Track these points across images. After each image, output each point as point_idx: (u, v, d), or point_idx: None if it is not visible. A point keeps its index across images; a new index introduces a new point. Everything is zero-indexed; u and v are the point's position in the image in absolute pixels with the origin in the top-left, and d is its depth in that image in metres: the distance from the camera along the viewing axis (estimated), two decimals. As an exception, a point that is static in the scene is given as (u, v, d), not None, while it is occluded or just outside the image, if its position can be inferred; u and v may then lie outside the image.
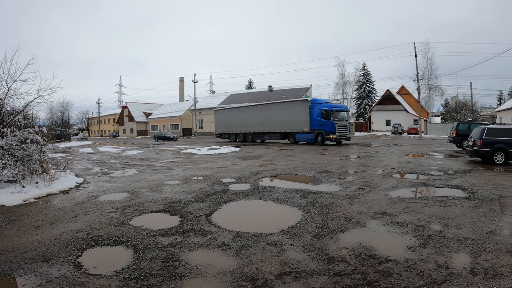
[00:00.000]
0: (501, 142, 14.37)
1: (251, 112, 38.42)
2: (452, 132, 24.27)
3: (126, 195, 9.23)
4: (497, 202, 7.72)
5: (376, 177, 11.36)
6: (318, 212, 7.14)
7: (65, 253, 5.08)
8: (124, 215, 7.12)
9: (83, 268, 4.54)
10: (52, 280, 4.18)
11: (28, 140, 10.15)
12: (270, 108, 36.15)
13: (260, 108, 37.79)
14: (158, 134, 60.33)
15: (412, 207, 7.35)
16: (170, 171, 14.30)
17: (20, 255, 5.03)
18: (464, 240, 5.33)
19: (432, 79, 62.72)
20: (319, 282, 4.05)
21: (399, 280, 4.03)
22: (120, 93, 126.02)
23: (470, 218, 6.53)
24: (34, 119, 15.05)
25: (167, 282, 4.10)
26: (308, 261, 4.66)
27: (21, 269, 4.51)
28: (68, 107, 74.82)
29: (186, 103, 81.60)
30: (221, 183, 10.85)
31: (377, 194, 8.76)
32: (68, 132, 60.71)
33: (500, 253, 4.79)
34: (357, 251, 4.98)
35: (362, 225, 6.28)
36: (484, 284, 3.91)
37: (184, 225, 6.40)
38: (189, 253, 5.03)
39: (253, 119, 37.37)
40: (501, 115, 50.94)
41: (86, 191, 10.06)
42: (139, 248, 5.21)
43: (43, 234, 5.99)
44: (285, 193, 9.06)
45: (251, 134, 38.11)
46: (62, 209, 7.81)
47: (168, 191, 9.62)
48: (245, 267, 4.48)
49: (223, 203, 8.11)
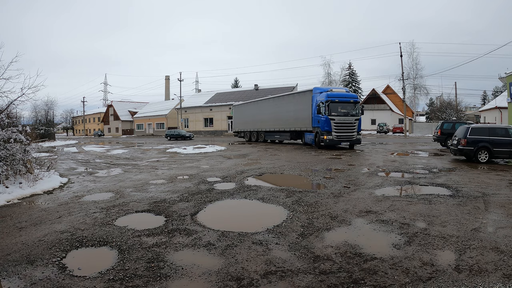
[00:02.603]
0: (485, 141, 14.64)
1: (262, 106, 33.37)
2: (436, 131, 24.62)
3: (110, 195, 9.12)
4: (481, 200, 7.83)
5: (361, 176, 11.43)
6: (303, 210, 7.14)
7: (49, 254, 4.98)
8: (109, 215, 7.02)
9: (68, 270, 4.46)
10: (36, 283, 4.10)
11: (11, 140, 9.96)
12: (279, 101, 30.53)
13: (271, 102, 32.00)
14: (171, 133, 52.61)
15: (397, 205, 7.41)
16: (155, 170, 14.18)
17: (3, 257, 4.91)
18: (449, 238, 5.38)
19: (417, 78, 63.44)
20: (305, 281, 4.05)
21: (385, 278, 4.05)
22: (105, 91, 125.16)
23: (455, 215, 6.60)
24: (18, 118, 14.82)
25: (152, 282, 4.05)
26: (294, 260, 4.65)
27: (4, 272, 4.40)
28: (52, 106, 73.40)
29: (171, 101, 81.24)
30: (206, 182, 10.79)
31: (362, 193, 8.81)
32: (53, 131, 59.53)
33: (485, 250, 4.85)
34: (343, 250, 4.99)
35: (347, 223, 6.31)
36: (469, 280, 3.96)
37: (169, 225, 6.34)
38: (174, 253, 4.98)
39: (263, 115, 32.66)
40: (485, 114, 51.78)
41: (71, 191, 9.91)
42: (124, 249, 5.14)
43: (27, 236, 5.87)
44: (270, 192, 9.05)
45: (263, 133, 33.28)
46: (46, 210, 7.68)
47: (153, 191, 9.53)
48: (230, 267, 4.45)
49: (208, 203, 8.07)
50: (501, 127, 15.46)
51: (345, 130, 22.73)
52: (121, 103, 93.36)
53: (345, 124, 22.68)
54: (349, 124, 22.81)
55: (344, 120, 22.58)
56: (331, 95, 22.86)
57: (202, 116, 66.79)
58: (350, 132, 22.87)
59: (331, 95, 22.86)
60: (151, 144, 37.70)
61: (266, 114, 32.03)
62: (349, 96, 23.69)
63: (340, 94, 23.66)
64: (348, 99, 23.20)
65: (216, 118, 64.54)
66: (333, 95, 22.96)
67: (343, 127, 22.64)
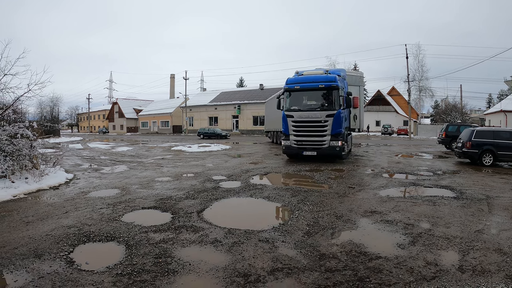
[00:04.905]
0: (490, 144, 14.60)
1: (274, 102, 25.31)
2: (441, 134, 24.60)
3: (117, 192, 9.20)
4: (485, 202, 7.85)
5: (366, 177, 11.46)
6: (308, 209, 7.18)
7: (56, 249, 5.04)
8: (116, 211, 7.09)
9: (75, 264, 4.52)
10: (44, 276, 4.15)
11: (18, 135, 10.04)
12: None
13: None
14: (204, 131, 47.12)
15: (402, 206, 7.44)
16: (160, 168, 14.26)
17: (11, 251, 4.97)
18: (452, 239, 5.41)
19: (422, 80, 62.98)
20: (310, 278, 4.10)
21: (389, 277, 4.10)
22: (110, 89, 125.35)
23: (459, 217, 6.63)
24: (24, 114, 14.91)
25: (160, 278, 4.11)
26: (300, 257, 4.70)
27: (12, 265, 4.47)
28: (58, 102, 73.76)
29: (176, 100, 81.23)
30: (212, 180, 10.85)
31: (367, 193, 8.84)
32: (58, 127, 59.69)
33: (488, 251, 4.88)
34: (348, 248, 5.04)
35: (352, 223, 6.35)
36: (472, 281, 3.99)
37: (176, 221, 6.40)
38: (182, 249, 5.04)
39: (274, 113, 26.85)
40: (490, 117, 51.55)
41: (77, 187, 9.99)
42: (131, 244, 5.20)
43: (34, 230, 5.94)
44: (275, 191, 9.10)
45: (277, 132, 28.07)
46: (53, 205, 7.75)
47: (159, 188, 9.60)
48: (237, 263, 4.50)
49: (214, 200, 8.13)
50: (506, 131, 15.42)
51: (309, 132, 14.92)
52: (126, 101, 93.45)
53: (309, 124, 14.83)
54: (315, 124, 14.71)
55: (307, 117, 14.82)
56: (291, 81, 15.46)
57: (207, 115, 66.83)
58: (317, 136, 14.78)
59: (291, 81, 15.46)
60: (155, 142, 37.79)
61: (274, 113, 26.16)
62: (317, 80, 14.93)
63: (305, 78, 15.44)
64: (315, 84, 14.80)
65: (221, 117, 64.58)
66: (293, 81, 15.45)
67: (306, 129, 14.95)
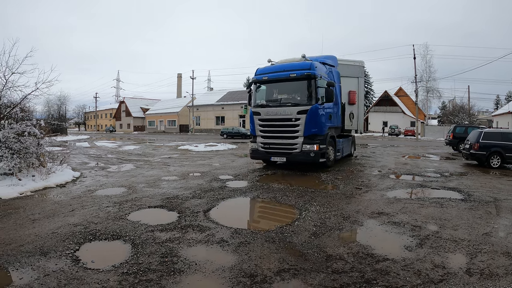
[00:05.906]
0: (498, 146, 14.47)
1: None
2: (448, 135, 24.38)
3: (123, 190, 9.22)
4: (493, 205, 7.77)
5: (373, 178, 11.40)
6: (315, 210, 7.15)
7: (62, 246, 5.06)
8: (122, 210, 7.11)
9: (81, 262, 4.52)
10: (49, 274, 4.16)
11: (25, 133, 10.10)
12: None
13: None
14: (227, 130, 45.84)
15: (409, 208, 7.39)
16: (167, 166, 14.29)
17: (17, 248, 4.99)
18: (460, 241, 5.36)
19: (430, 81, 62.63)
20: (317, 279, 4.07)
21: (397, 279, 4.06)
22: (117, 88, 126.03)
23: (466, 219, 6.56)
24: (31, 112, 15.00)
25: (166, 277, 4.11)
26: (307, 258, 4.68)
27: (18, 263, 4.48)
28: (65, 101, 74.36)
29: (183, 99, 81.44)
30: (218, 179, 10.85)
31: (374, 194, 8.79)
32: (65, 126, 60.04)
33: (496, 255, 4.83)
34: (355, 250, 5.00)
35: (359, 224, 6.31)
36: (480, 284, 3.95)
37: (182, 220, 6.40)
38: (188, 248, 5.03)
39: None
40: (498, 119, 51.19)
41: (83, 185, 10.03)
42: (137, 243, 5.20)
43: (40, 228, 5.96)
44: (282, 191, 9.07)
45: None
46: (59, 203, 7.78)
47: (165, 187, 9.61)
48: (244, 264, 4.49)
49: (221, 200, 8.12)
50: (514, 132, 15.28)
51: (278, 133, 12.37)
52: (133, 100, 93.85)
53: (277, 123, 12.26)
54: (284, 123, 12.10)
55: (275, 114, 12.21)
56: (260, 71, 12.92)
57: (214, 114, 66.92)
58: (286, 138, 12.20)
59: (260, 71, 12.92)
60: (162, 141, 37.85)
61: None
62: (289, 68, 12.10)
63: (276, 67, 12.69)
64: (285, 73, 12.05)
65: (227, 117, 64.58)
66: (262, 71, 12.87)
67: (274, 128, 12.43)
